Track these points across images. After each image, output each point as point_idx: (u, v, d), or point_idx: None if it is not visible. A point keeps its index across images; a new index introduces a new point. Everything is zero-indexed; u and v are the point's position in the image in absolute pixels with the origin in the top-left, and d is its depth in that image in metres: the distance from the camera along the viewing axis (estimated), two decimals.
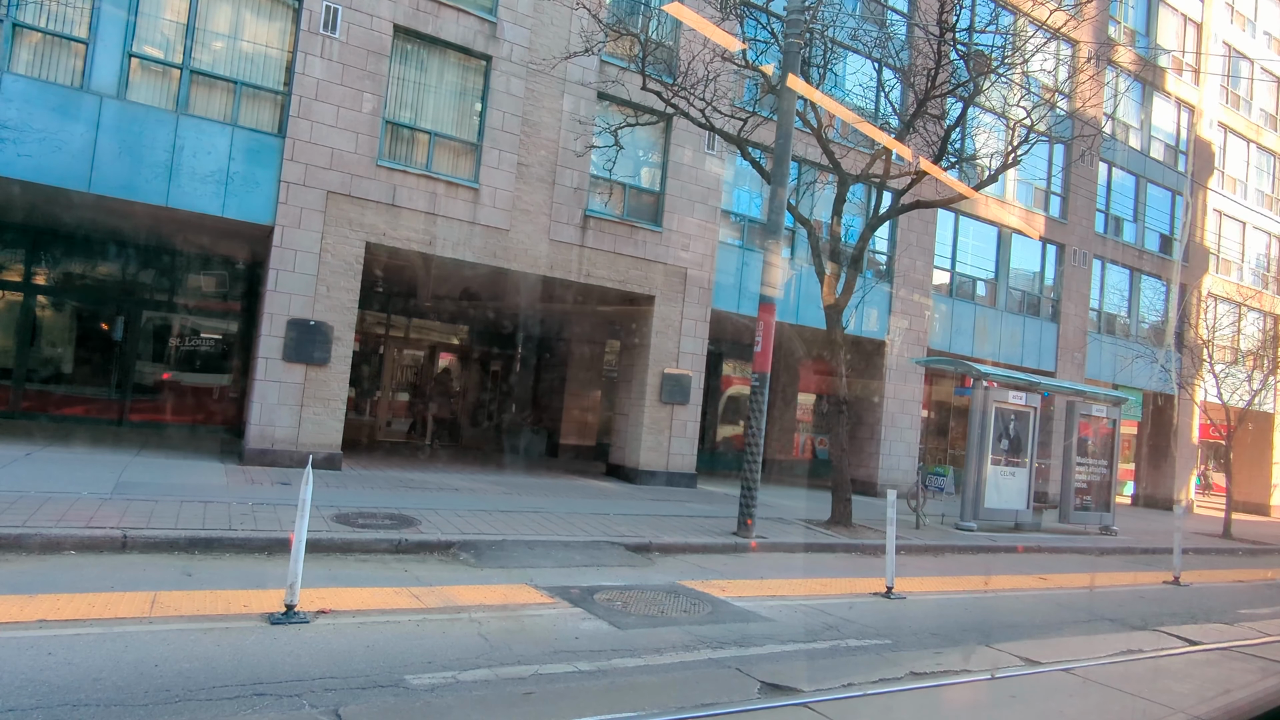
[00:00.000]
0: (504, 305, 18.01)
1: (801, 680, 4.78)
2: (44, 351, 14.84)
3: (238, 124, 12.00)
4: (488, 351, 20.18)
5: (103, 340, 15.29)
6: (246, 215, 12.01)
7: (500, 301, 17.72)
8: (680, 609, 6.48)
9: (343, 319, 12.60)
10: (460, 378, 19.88)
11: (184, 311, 15.73)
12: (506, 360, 20.35)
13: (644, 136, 15.65)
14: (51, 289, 14.79)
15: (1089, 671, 5.58)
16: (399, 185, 12.98)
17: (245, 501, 8.96)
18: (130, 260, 15.07)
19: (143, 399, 15.35)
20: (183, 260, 15.31)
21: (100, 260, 14.92)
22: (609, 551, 8.91)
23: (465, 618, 5.60)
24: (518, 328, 19.56)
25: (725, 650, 5.35)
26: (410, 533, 8.37)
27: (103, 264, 14.96)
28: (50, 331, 15.03)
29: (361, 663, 4.42)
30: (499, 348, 20.21)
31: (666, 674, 4.77)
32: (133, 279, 15.24)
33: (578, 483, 14.79)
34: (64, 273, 14.82)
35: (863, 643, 5.96)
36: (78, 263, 14.84)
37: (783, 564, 9.63)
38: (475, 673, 4.43)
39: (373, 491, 10.85)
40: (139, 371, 15.36)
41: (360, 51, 12.71)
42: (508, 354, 20.27)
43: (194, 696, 3.74)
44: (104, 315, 15.26)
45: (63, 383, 14.79)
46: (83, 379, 15.06)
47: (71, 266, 14.83)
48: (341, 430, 12.61)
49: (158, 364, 15.64)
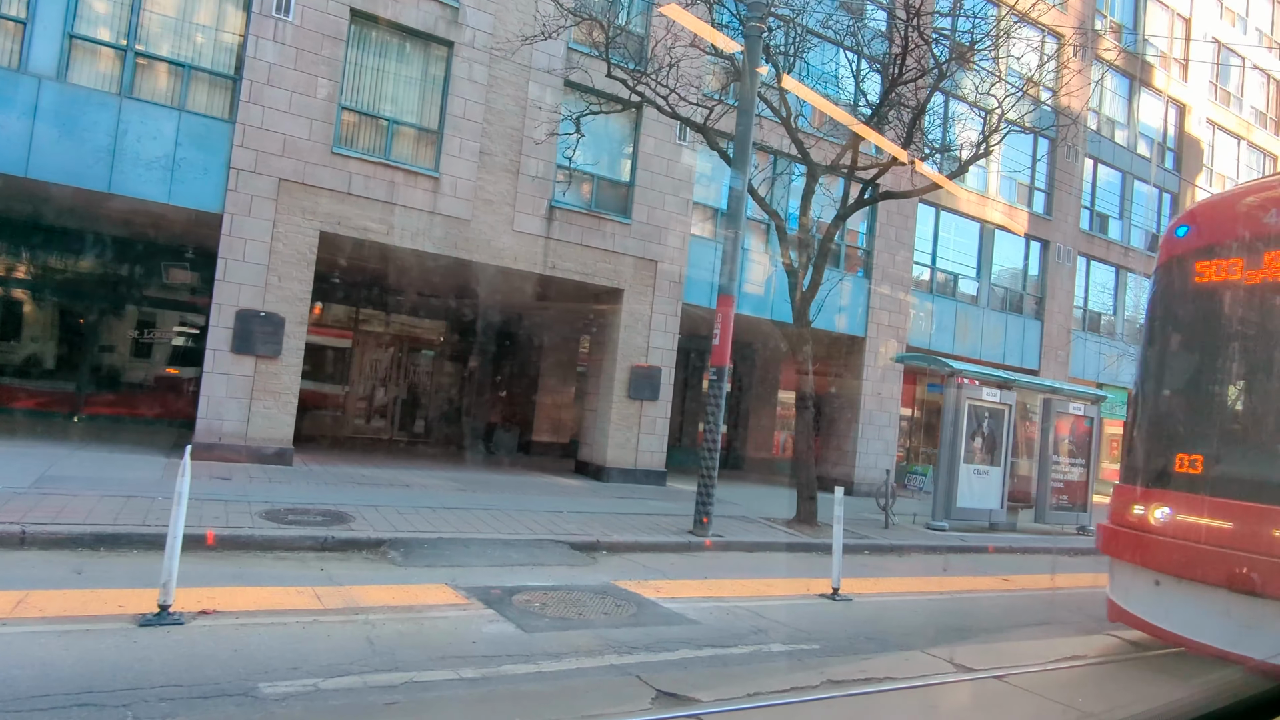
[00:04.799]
0: (474, 299, 17.68)
1: (702, 689, 4.45)
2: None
3: (185, 108, 11.65)
4: (459, 347, 19.84)
5: (59, 333, 14.95)
6: (194, 203, 11.67)
7: (470, 295, 17.40)
8: (602, 611, 6.15)
9: (295, 310, 12.26)
10: (431, 373, 19.54)
11: (142, 303, 15.40)
12: (478, 356, 20.00)
13: (614, 127, 15.31)
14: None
15: (1023, 679, 5.24)
16: (355, 173, 12.63)
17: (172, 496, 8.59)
18: (87, 251, 14.72)
19: (100, 393, 15.01)
20: (140, 251, 14.95)
21: (54, 251, 14.56)
22: (551, 550, 8.58)
23: (361, 620, 5.27)
24: (489, 322, 19.23)
25: (633, 656, 5.02)
26: (340, 530, 8.04)
27: (56, 255, 14.61)
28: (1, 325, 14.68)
29: (218, 669, 4.09)
30: (471, 343, 19.86)
31: (556, 682, 4.44)
32: (91, 271, 14.89)
33: (541, 480, 14.46)
34: (12, 264, 14.46)
35: (788, 648, 5.62)
36: (30, 253, 14.48)
37: (734, 564, 9.30)
38: (341, 680, 4.10)
39: (318, 487, 10.52)
40: (97, 365, 15.02)
41: (315, 35, 12.36)
42: (479, 349, 19.92)
43: (5, 709, 3.41)
44: (59, 307, 14.91)
45: (14, 375, 14.43)
46: (37, 372, 14.71)
47: (22, 257, 14.47)
48: (293, 424, 12.27)
49: (117, 357, 15.31)
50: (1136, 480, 6.00)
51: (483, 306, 17.98)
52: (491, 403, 19.45)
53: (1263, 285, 5.45)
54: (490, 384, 19.76)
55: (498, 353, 19.72)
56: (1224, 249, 5.66)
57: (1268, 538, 4.94)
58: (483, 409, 19.59)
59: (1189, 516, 5.46)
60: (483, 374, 19.97)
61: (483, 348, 19.87)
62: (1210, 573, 5.17)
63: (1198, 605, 5.25)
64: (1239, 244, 5.56)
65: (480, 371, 19.99)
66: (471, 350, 19.93)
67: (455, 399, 19.81)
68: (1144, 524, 5.71)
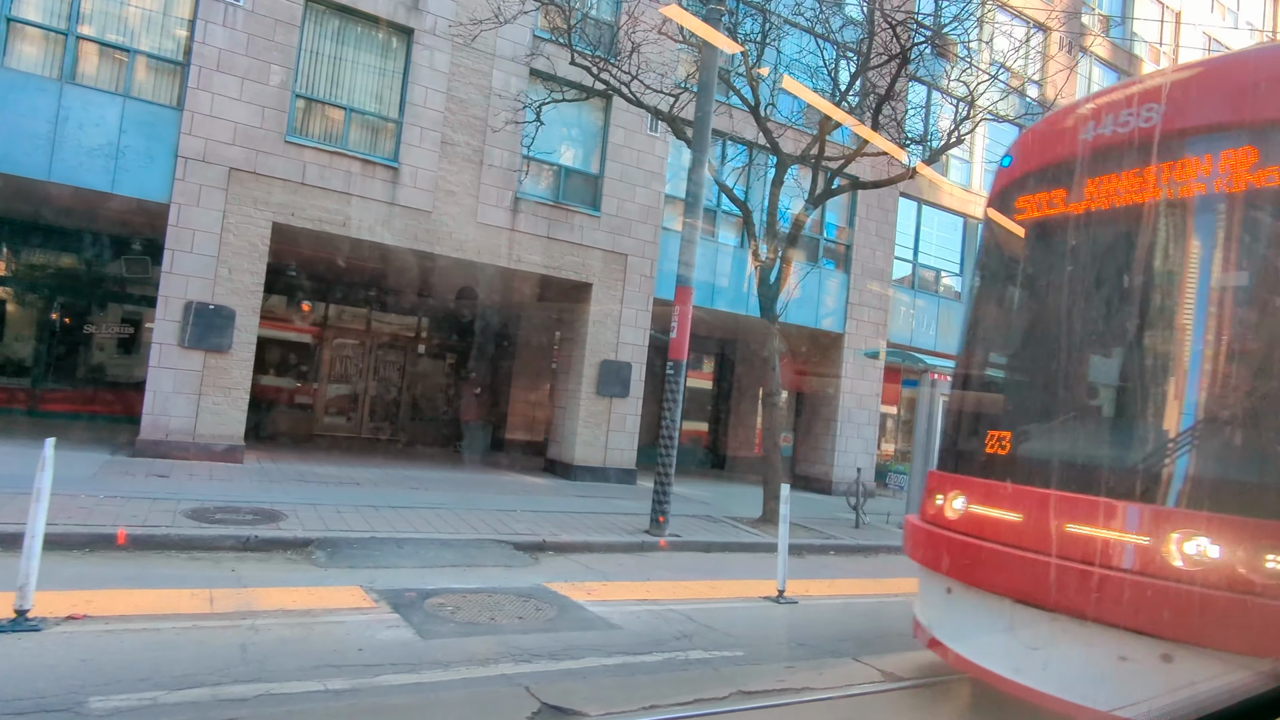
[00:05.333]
0: (444, 294, 17.32)
1: (594, 702, 4.10)
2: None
3: (130, 95, 11.31)
4: (430, 342, 19.49)
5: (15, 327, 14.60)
6: (140, 192, 11.32)
7: (439, 290, 17.03)
8: (518, 615, 5.79)
9: (246, 303, 11.91)
10: (402, 369, 19.19)
11: (100, 297, 15.05)
12: (450, 351, 19.66)
13: (583, 117, 14.95)
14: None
15: (953, 687, 4.89)
16: (310, 163, 12.28)
17: (97, 494, 8.27)
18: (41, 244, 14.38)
19: (57, 388, 14.67)
20: (98, 243, 14.59)
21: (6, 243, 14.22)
22: (492, 550, 8.23)
23: (246, 625, 4.92)
24: (460, 317, 18.88)
25: (531, 664, 4.66)
26: (266, 529, 7.69)
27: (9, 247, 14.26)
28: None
29: (51, 682, 3.74)
30: (442, 339, 19.51)
31: (433, 693, 4.09)
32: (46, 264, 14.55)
33: (506, 478, 14.11)
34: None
35: (708, 655, 5.27)
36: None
37: (686, 564, 8.94)
38: (189, 693, 3.75)
39: (261, 485, 10.16)
40: (52, 360, 14.67)
41: (267, 21, 12.01)
42: (451, 345, 19.58)
43: None
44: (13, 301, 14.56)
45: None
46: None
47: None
48: (244, 421, 11.92)
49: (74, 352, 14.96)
50: (946, 465, 4.92)
51: (453, 301, 17.63)
52: (464, 399, 19.08)
53: (1084, 220, 4.22)
54: (462, 380, 19.40)
55: (470, 349, 19.36)
56: (1044, 178, 4.45)
57: (1057, 532, 3.79)
58: (455, 406, 19.24)
59: (982, 507, 4.27)
60: (455, 370, 19.62)
61: (454, 343, 19.52)
62: (993, 577, 4.06)
63: (984, 620, 4.11)
64: (1059, 170, 4.35)
65: (452, 368, 19.64)
66: (443, 346, 19.59)
67: (427, 396, 19.45)
68: (941, 518, 4.58)
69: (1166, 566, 3.36)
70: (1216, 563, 3.24)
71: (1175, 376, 4.02)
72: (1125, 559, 3.52)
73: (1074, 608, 3.60)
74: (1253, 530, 3.19)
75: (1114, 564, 3.53)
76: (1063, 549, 3.72)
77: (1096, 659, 3.52)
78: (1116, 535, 3.58)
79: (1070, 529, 3.74)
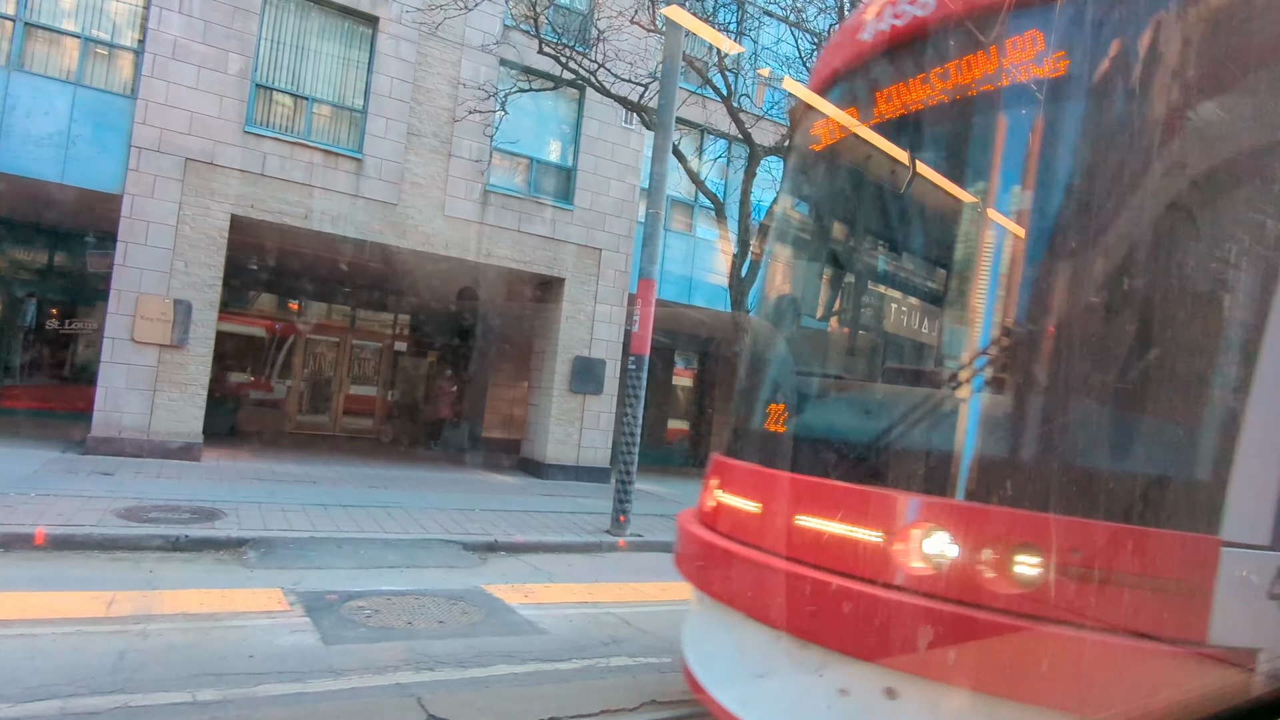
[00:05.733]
0: (419, 289, 17.02)
1: (487, 713, 3.81)
2: None
3: (81, 83, 11.02)
4: (406, 338, 19.20)
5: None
6: (91, 183, 11.04)
7: (412, 285, 16.73)
8: (438, 619, 5.50)
9: (204, 297, 11.61)
10: (377, 365, 18.90)
11: (59, 291, 14.76)
12: (426, 348, 19.38)
13: (555, 108, 14.66)
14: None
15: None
16: (270, 154, 11.99)
17: (28, 493, 7.98)
18: None
19: (15, 384, 14.38)
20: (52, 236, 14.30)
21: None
22: (437, 551, 7.94)
23: (137, 630, 4.63)
24: (436, 313, 18.59)
25: (433, 673, 4.37)
26: (199, 528, 7.40)
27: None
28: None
29: None
30: (418, 335, 19.23)
31: (312, 705, 3.79)
32: None
33: (475, 476, 13.82)
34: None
35: (632, 662, 4.98)
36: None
37: (643, 565, 8.65)
38: (36, 705, 3.46)
39: (209, 483, 9.86)
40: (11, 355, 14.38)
41: (226, 8, 11.72)
42: (428, 341, 19.29)
43: None
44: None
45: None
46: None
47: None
48: (201, 417, 11.62)
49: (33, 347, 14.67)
50: (724, 446, 3.86)
51: (426, 296, 17.33)
52: (440, 396, 18.79)
53: (856, 146, 3.35)
54: (438, 377, 19.11)
55: (446, 345, 19.07)
56: (836, 93, 3.47)
57: (785, 527, 2.93)
58: (430, 403, 18.94)
59: (732, 496, 3.36)
60: (431, 367, 19.33)
61: (431, 339, 19.23)
62: (723, 583, 3.23)
63: (719, 637, 3.30)
64: (852, 82, 3.37)
65: (428, 365, 19.35)
66: (420, 342, 19.30)
67: (403, 393, 19.16)
68: (703, 510, 3.71)
69: (901, 571, 2.53)
70: (955, 565, 2.41)
71: (934, 328, 3.26)
72: (856, 561, 2.65)
73: (794, 624, 2.77)
74: (1004, 521, 2.37)
75: (840, 567, 2.68)
76: (791, 548, 2.85)
77: (818, 691, 2.70)
78: (846, 530, 2.72)
79: (799, 522, 2.88)
